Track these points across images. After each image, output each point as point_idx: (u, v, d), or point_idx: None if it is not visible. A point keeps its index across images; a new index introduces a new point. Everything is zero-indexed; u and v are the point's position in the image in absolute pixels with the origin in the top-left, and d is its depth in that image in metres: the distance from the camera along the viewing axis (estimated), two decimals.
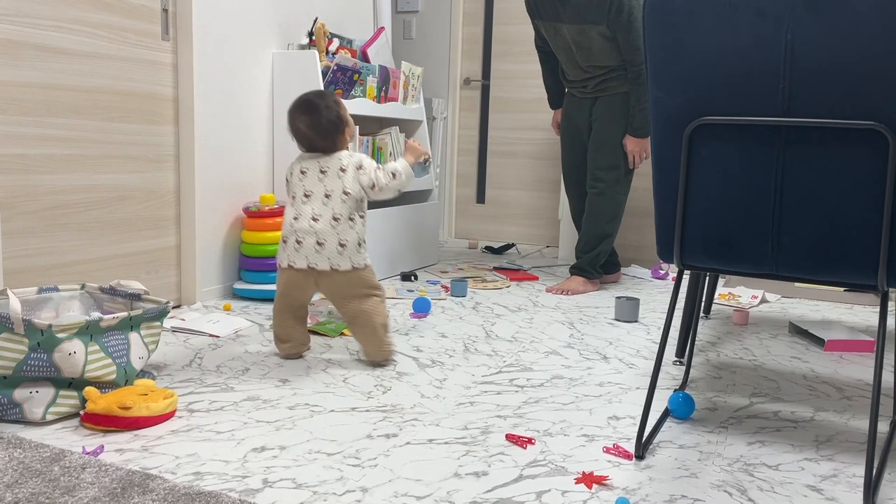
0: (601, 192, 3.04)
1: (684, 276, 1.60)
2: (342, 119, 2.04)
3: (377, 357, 2.04)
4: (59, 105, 2.18)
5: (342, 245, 1.96)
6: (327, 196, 1.98)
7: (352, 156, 2.04)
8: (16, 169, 2.07)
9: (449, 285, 3.06)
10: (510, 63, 4.45)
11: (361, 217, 2.04)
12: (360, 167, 2.02)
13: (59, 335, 1.53)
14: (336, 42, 3.11)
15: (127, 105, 2.39)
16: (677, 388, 1.91)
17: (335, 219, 1.96)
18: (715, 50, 1.37)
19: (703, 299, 2.43)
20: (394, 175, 2.04)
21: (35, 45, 2.09)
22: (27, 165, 2.10)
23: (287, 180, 2.09)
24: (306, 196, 2.00)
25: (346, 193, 1.98)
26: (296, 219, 1.99)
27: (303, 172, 2.03)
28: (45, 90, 2.13)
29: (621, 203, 3.08)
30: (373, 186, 2.02)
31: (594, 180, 3.04)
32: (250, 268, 2.74)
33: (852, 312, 2.87)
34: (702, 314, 2.72)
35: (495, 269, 3.60)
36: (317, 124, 2.01)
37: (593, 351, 2.24)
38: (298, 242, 1.97)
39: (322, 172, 2.00)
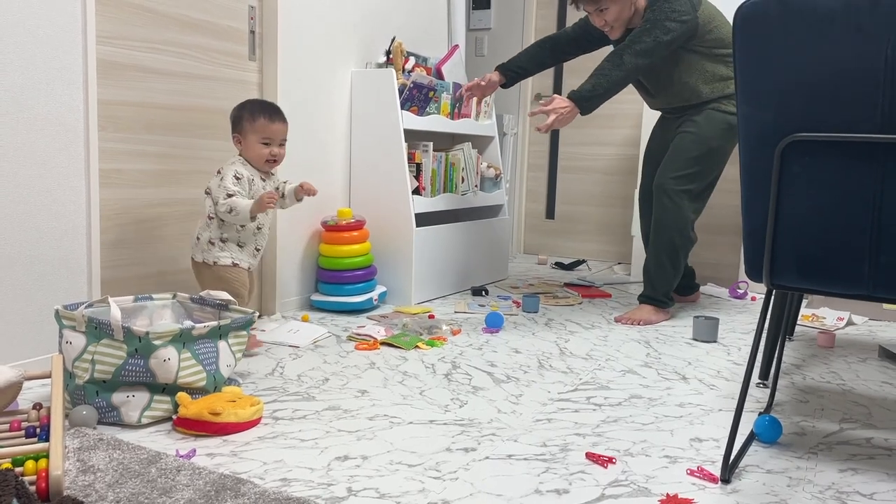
0: (667, 208, 2.75)
1: (771, 297, 1.55)
2: (233, 123, 2.21)
3: None
4: (154, 122, 2.29)
5: (197, 238, 2.21)
6: (206, 194, 2.21)
7: (231, 165, 2.19)
8: (113, 183, 2.18)
9: (520, 301, 3.05)
10: (581, 78, 4.41)
11: (222, 220, 2.19)
12: (221, 179, 2.16)
13: (156, 342, 1.60)
14: (412, 60, 3.16)
15: (214, 122, 2.49)
16: (762, 411, 1.85)
17: (206, 216, 2.20)
18: (810, 64, 1.33)
19: (787, 320, 2.35)
20: (230, 210, 2.14)
21: (132, 65, 2.21)
22: (123, 180, 2.21)
23: None
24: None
25: (206, 193, 2.19)
26: None
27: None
28: (140, 108, 2.25)
29: (690, 219, 2.77)
30: (216, 203, 2.17)
31: (661, 193, 2.74)
32: (327, 280, 2.80)
33: None
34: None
35: (566, 285, 3.58)
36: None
37: (672, 371, 2.19)
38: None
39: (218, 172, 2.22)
